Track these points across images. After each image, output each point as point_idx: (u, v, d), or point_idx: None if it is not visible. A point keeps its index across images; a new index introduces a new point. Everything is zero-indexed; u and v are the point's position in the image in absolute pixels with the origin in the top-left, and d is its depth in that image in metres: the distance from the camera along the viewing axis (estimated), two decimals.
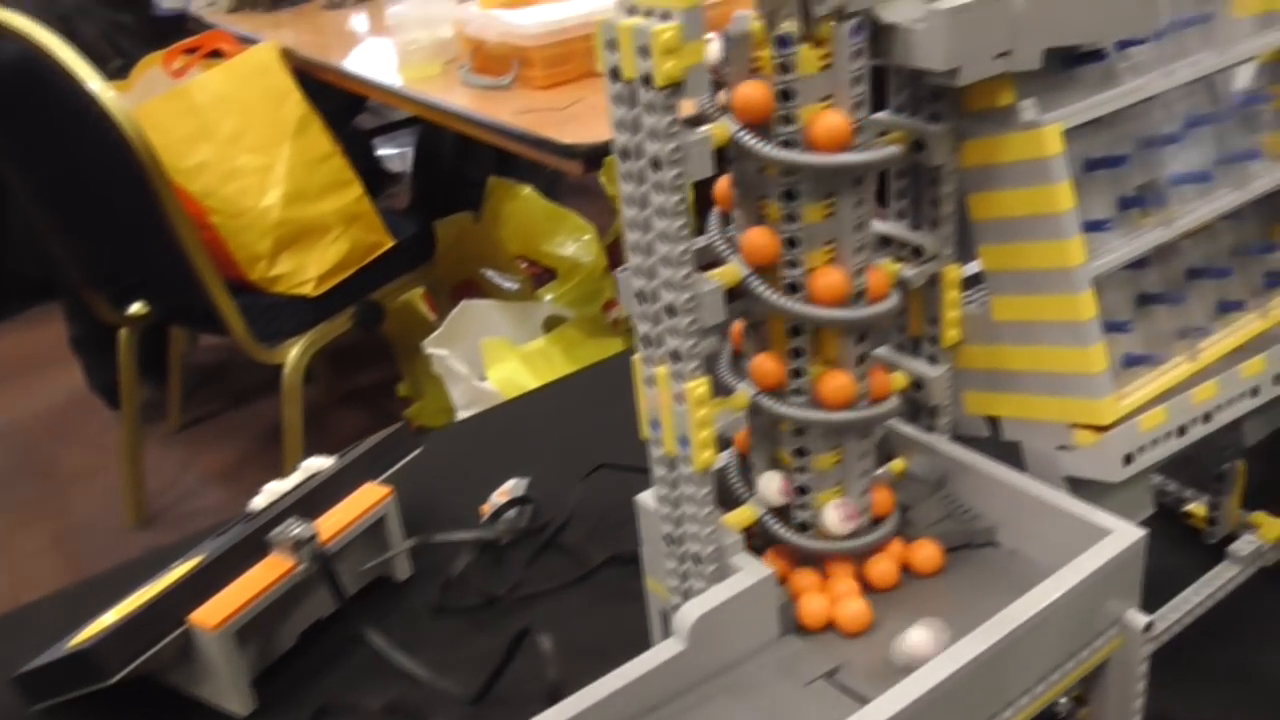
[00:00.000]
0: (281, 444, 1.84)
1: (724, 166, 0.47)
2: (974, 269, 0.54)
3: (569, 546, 0.75)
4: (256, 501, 0.74)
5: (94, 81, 1.51)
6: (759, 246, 0.46)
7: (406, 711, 0.63)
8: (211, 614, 0.62)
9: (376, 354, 2.32)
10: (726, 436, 0.50)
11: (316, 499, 0.70)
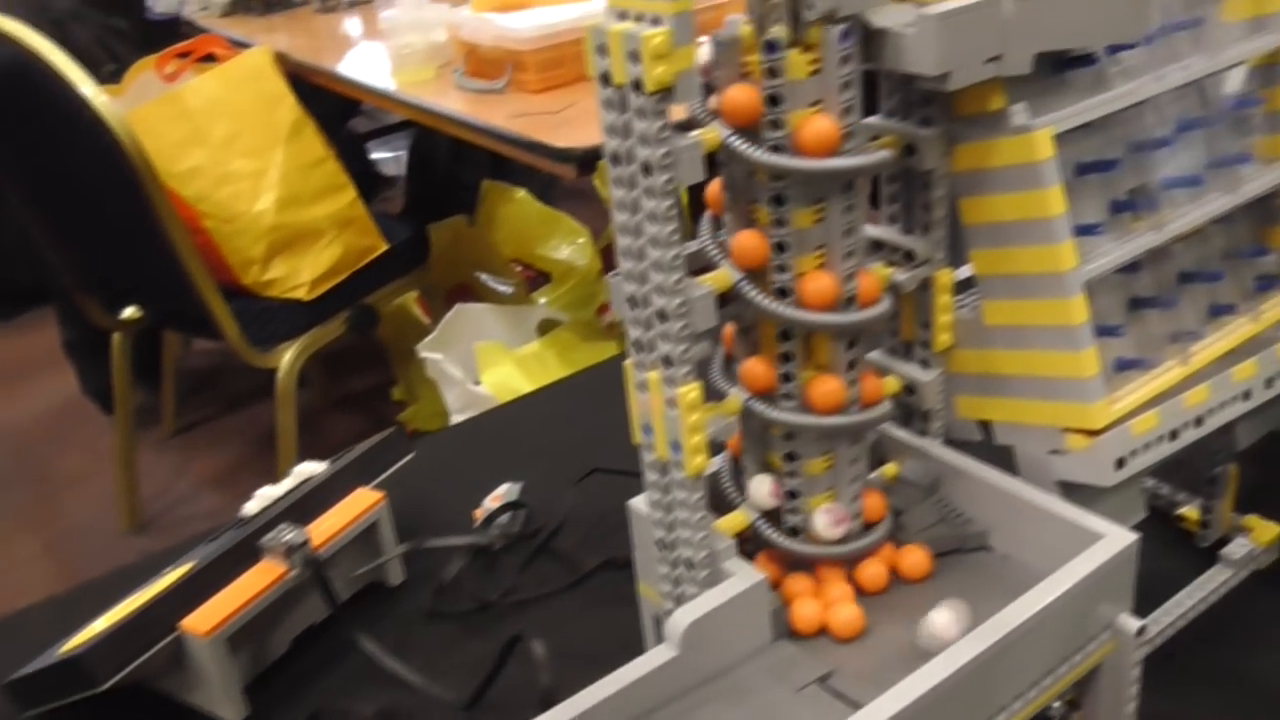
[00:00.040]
0: (275, 448, 1.84)
1: (716, 170, 0.47)
2: (966, 273, 0.54)
3: (562, 552, 0.75)
4: (249, 507, 0.74)
5: (87, 86, 1.51)
6: (748, 249, 0.46)
7: (399, 717, 0.63)
8: (203, 620, 0.62)
9: (371, 358, 2.32)
10: (718, 441, 0.50)
11: (309, 504, 0.70)
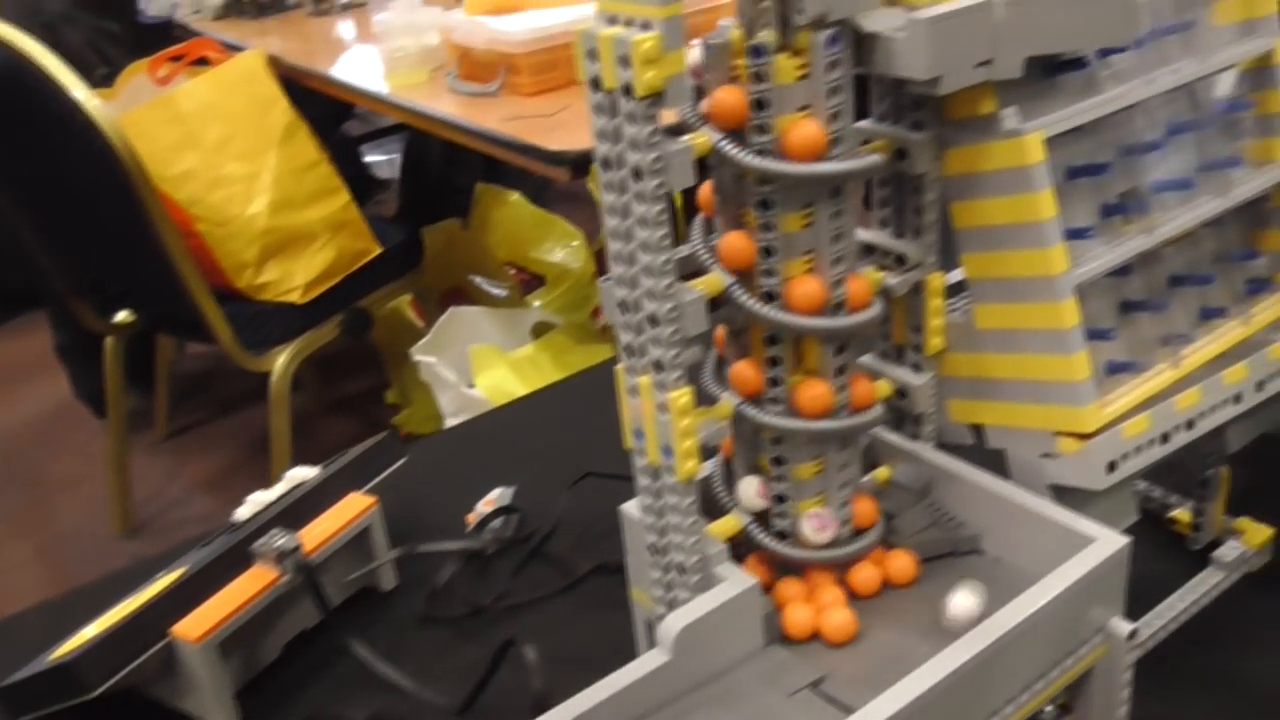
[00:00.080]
0: (269, 452, 1.83)
1: (708, 172, 0.47)
2: (957, 277, 0.54)
3: (555, 556, 0.75)
4: (240, 512, 0.74)
5: (78, 89, 1.50)
6: (736, 251, 0.46)
7: None
8: (194, 626, 0.62)
9: (365, 361, 2.32)
10: (710, 446, 0.50)
11: (301, 509, 0.70)
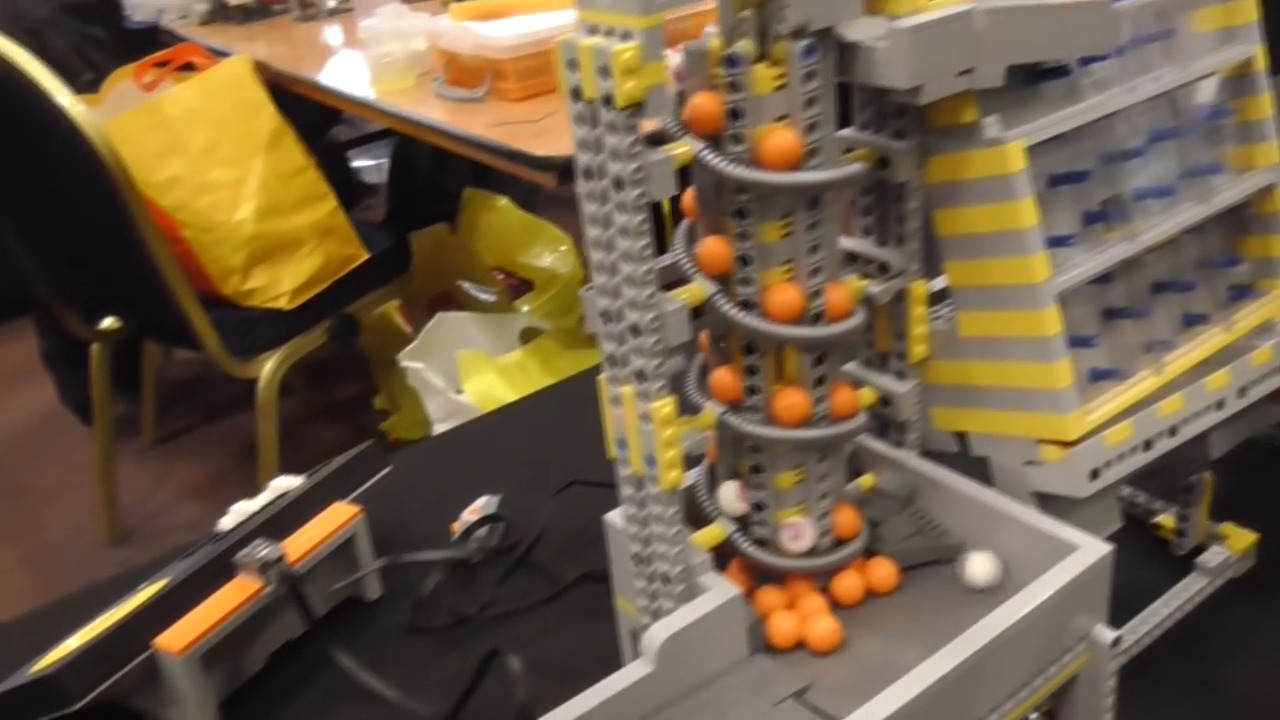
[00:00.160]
0: (257, 458, 1.83)
1: (692, 178, 0.47)
2: (940, 285, 0.54)
3: (540, 564, 0.75)
4: (224, 522, 0.73)
5: (64, 95, 1.50)
6: (715, 256, 0.46)
7: None
8: (177, 638, 0.61)
9: (352, 367, 2.31)
10: (694, 455, 0.50)
11: (285, 519, 0.70)
